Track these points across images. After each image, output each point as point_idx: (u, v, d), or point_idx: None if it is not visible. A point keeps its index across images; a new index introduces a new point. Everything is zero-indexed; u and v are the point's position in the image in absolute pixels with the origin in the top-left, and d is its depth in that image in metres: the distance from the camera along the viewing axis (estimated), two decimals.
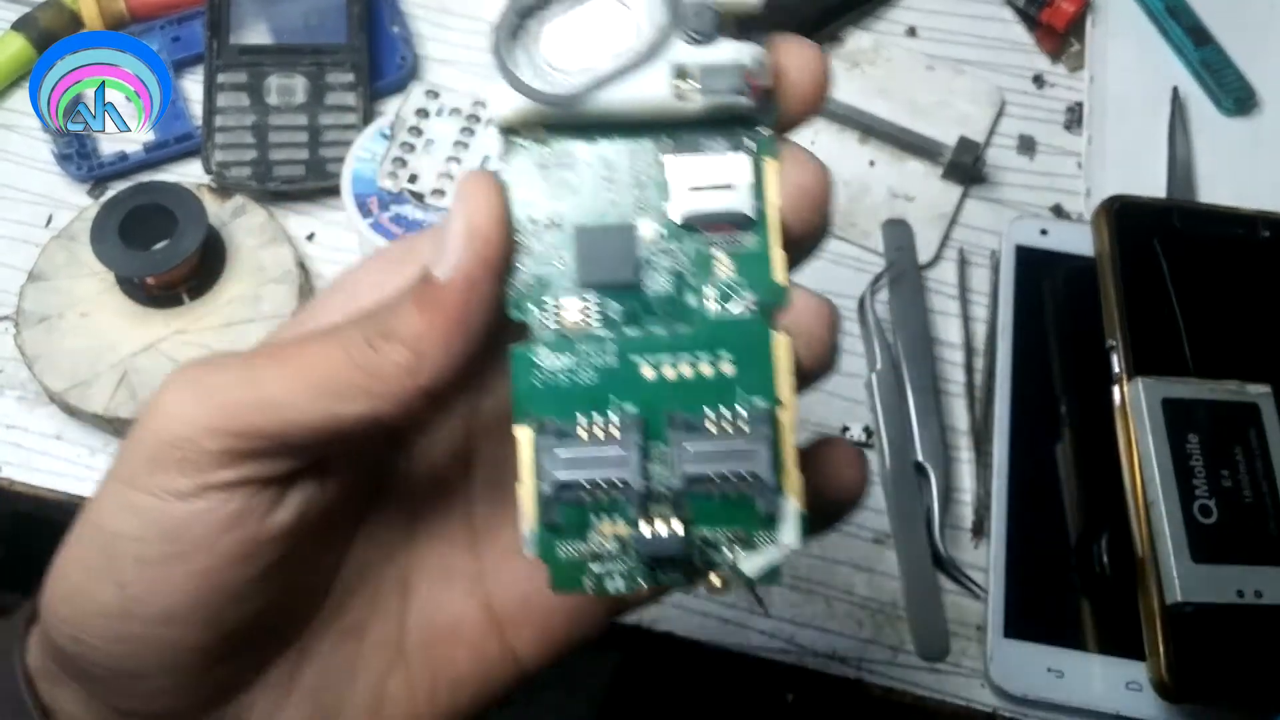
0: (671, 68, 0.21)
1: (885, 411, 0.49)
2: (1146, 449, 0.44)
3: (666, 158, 0.22)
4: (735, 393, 0.22)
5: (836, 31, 0.59)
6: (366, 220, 0.49)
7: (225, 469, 0.22)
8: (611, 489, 0.22)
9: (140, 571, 0.23)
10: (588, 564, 0.22)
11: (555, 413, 0.22)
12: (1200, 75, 0.58)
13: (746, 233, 0.22)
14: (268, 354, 0.23)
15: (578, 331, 0.22)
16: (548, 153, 0.22)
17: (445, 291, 0.21)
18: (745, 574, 0.22)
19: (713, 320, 0.22)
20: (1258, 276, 0.50)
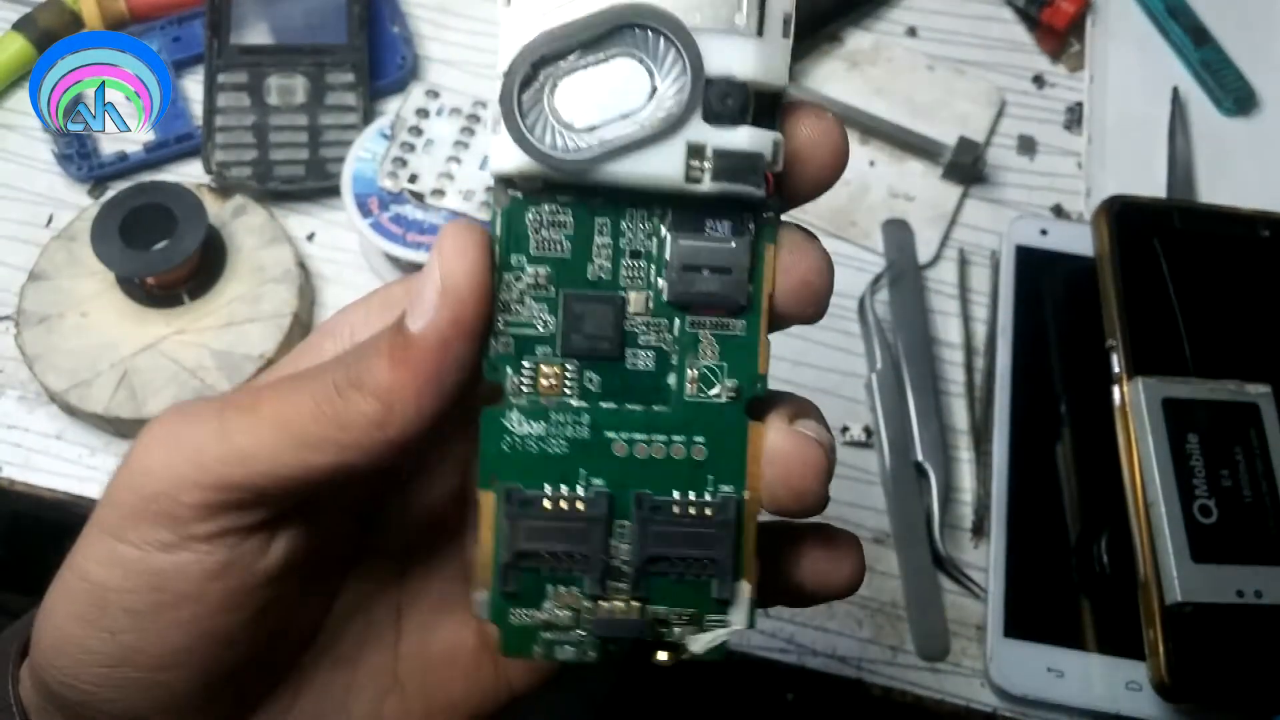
0: (687, 146, 0.20)
1: (885, 411, 0.49)
2: (1146, 449, 0.44)
3: (667, 234, 0.21)
4: (705, 480, 0.22)
5: (836, 31, 0.59)
6: (367, 220, 0.49)
7: (205, 521, 0.22)
8: (571, 560, 0.22)
9: (131, 621, 0.23)
10: (540, 632, 0.22)
11: (522, 480, 0.22)
12: (1200, 75, 0.58)
13: (737, 319, 0.22)
14: (239, 403, 0.22)
15: (553, 398, 0.22)
16: (544, 210, 0.21)
17: (418, 347, 0.21)
18: (693, 651, 0.22)
19: (690, 403, 0.22)
20: (1257, 276, 0.50)
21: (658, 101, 0.20)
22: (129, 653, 0.23)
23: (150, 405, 0.46)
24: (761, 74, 0.20)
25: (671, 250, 0.21)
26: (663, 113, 0.20)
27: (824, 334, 0.52)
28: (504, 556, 0.22)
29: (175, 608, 0.23)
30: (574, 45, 0.20)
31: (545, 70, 0.20)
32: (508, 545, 0.22)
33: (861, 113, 0.56)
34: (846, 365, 0.51)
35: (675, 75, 0.20)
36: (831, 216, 0.55)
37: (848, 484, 0.49)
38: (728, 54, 0.20)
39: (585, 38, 0.20)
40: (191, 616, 0.23)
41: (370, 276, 0.52)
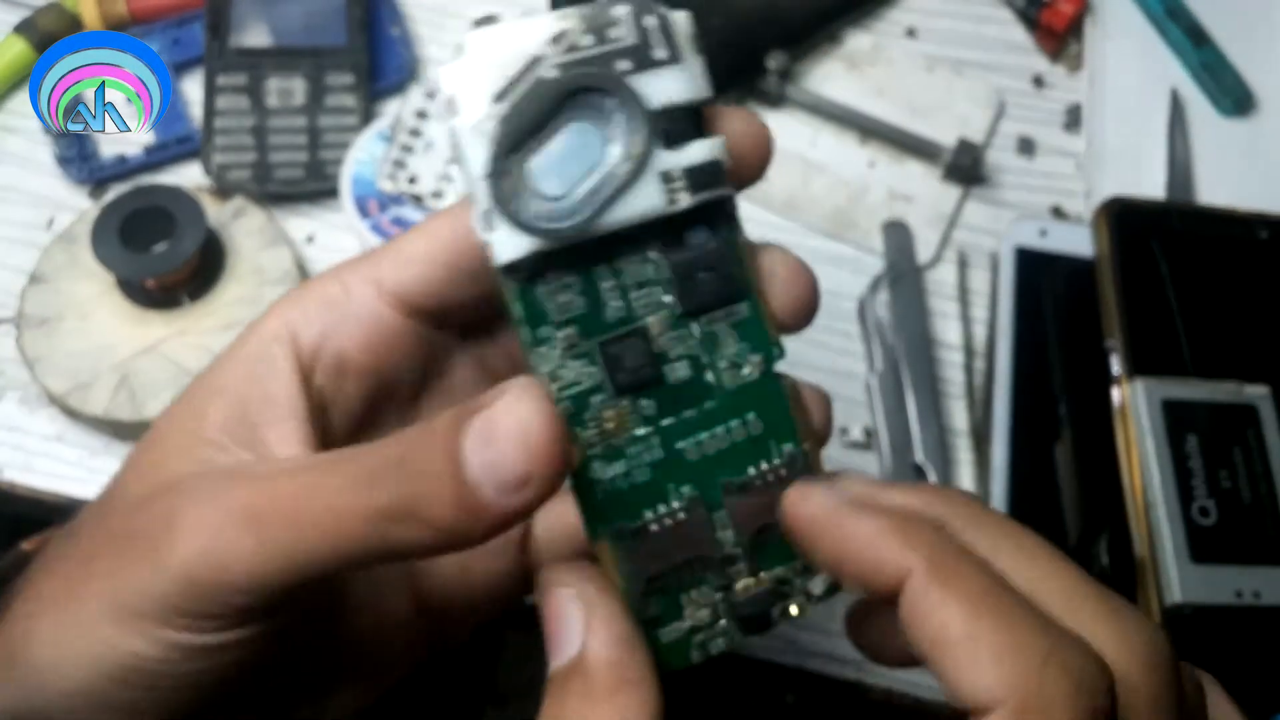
0: (660, 175, 0.22)
1: (885, 412, 0.49)
2: (1145, 450, 0.44)
3: (658, 256, 0.24)
4: (768, 447, 0.25)
5: (836, 32, 0.59)
6: (366, 222, 0.49)
7: (226, 616, 0.23)
8: (691, 567, 0.24)
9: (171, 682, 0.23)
10: (690, 639, 0.24)
11: (624, 518, 0.23)
12: (1199, 76, 0.58)
13: (739, 304, 0.24)
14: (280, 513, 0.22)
15: (621, 438, 0.23)
16: (550, 280, 0.23)
17: (491, 509, 0.20)
18: (816, 594, 0.25)
19: (731, 390, 0.24)
20: (1256, 277, 0.50)
21: (621, 150, 0.22)
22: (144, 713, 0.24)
23: (150, 408, 0.46)
24: (693, 93, 0.23)
25: (667, 268, 0.24)
26: (628, 157, 0.22)
27: (824, 335, 0.52)
28: (637, 589, 0.23)
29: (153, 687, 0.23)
30: (529, 127, 0.22)
31: (510, 159, 0.22)
32: (637, 579, 0.23)
33: (861, 114, 0.56)
34: (846, 366, 0.51)
35: (625, 121, 0.22)
36: (831, 218, 0.55)
37: None
38: (662, 87, 0.23)
39: (537, 115, 0.22)
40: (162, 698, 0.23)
41: None
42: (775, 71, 0.55)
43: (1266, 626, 0.42)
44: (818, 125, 0.57)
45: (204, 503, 0.22)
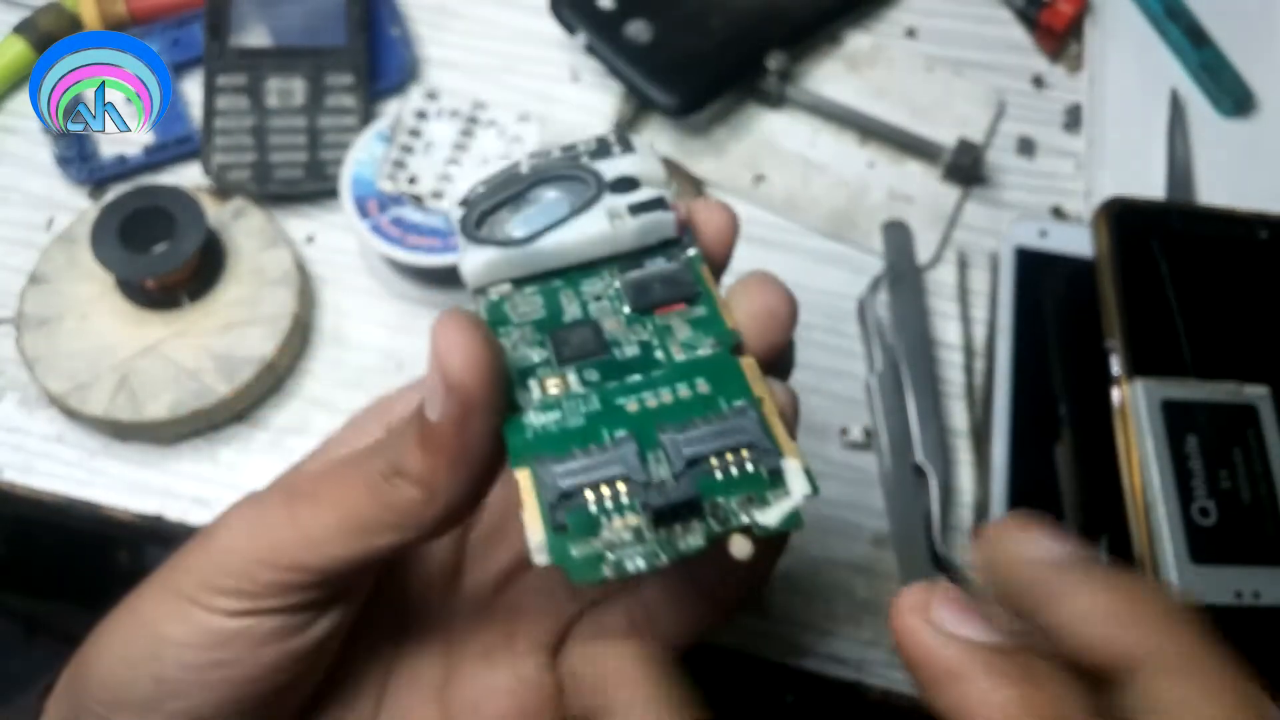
0: (607, 210, 0.26)
1: (885, 413, 0.49)
2: (1145, 450, 0.44)
3: (616, 279, 0.26)
4: (716, 402, 0.23)
5: (836, 32, 0.59)
6: (366, 222, 0.49)
7: (273, 596, 0.25)
8: (613, 487, 0.22)
9: (180, 672, 0.25)
10: (604, 553, 0.22)
11: (550, 450, 0.23)
12: (1199, 77, 0.58)
13: (695, 306, 0.25)
14: (304, 492, 0.25)
15: (560, 396, 0.24)
16: (515, 299, 0.26)
17: (439, 433, 0.23)
18: (767, 524, 0.22)
19: (682, 362, 0.24)
20: (1256, 278, 0.50)
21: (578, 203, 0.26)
22: (168, 699, 0.25)
23: (150, 408, 0.46)
24: (643, 171, 0.27)
25: (623, 284, 0.26)
26: (581, 201, 0.26)
27: (823, 335, 0.52)
28: (548, 499, 0.22)
29: (227, 666, 0.25)
30: (504, 199, 0.27)
31: (489, 219, 0.26)
32: (549, 491, 0.22)
33: (860, 114, 0.56)
34: (846, 367, 0.51)
35: (585, 191, 0.26)
36: (831, 218, 0.55)
37: (847, 485, 0.49)
38: (616, 165, 0.27)
39: (512, 193, 0.27)
40: (239, 675, 0.25)
41: (369, 279, 0.52)
42: (775, 71, 0.55)
43: (1266, 627, 0.42)
44: (818, 125, 0.57)
45: (243, 504, 0.26)
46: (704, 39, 0.55)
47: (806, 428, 0.50)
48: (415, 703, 0.29)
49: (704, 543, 0.22)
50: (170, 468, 0.48)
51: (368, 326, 0.51)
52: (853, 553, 0.47)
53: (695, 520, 0.22)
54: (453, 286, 0.51)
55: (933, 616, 0.20)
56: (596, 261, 0.26)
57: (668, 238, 0.26)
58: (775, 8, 0.57)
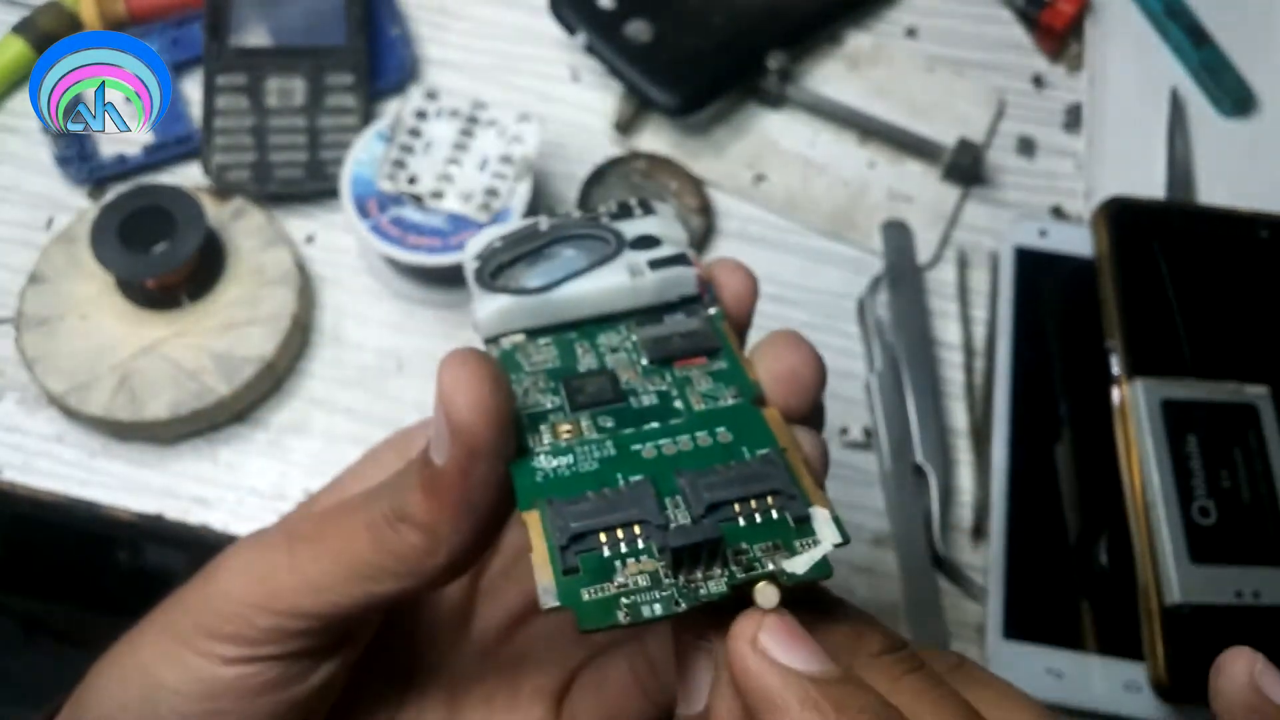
0: (627, 265, 0.25)
1: (885, 412, 0.49)
2: (1145, 450, 0.44)
3: (634, 334, 0.25)
4: (739, 450, 0.22)
5: (836, 31, 0.59)
6: (366, 222, 0.49)
7: (272, 644, 0.24)
8: (629, 532, 0.21)
9: (174, 719, 0.25)
10: (619, 598, 0.20)
11: (561, 493, 0.21)
12: (1199, 76, 0.58)
13: (716, 360, 0.24)
14: (306, 534, 0.24)
15: (572, 440, 0.23)
16: (529, 349, 0.25)
17: (443, 479, 0.22)
18: (795, 573, 0.20)
19: (701, 411, 0.23)
20: (1257, 277, 0.50)
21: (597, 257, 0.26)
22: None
23: (150, 408, 0.46)
24: (664, 232, 0.27)
25: (641, 338, 0.25)
26: (603, 251, 0.26)
27: (823, 335, 0.52)
28: (559, 540, 0.21)
29: (222, 715, 0.24)
30: (523, 253, 0.26)
31: (504, 272, 0.26)
32: (561, 532, 0.21)
33: (861, 113, 0.56)
34: (846, 366, 0.51)
35: (604, 249, 0.26)
36: (831, 218, 0.55)
37: (847, 485, 0.49)
38: (636, 225, 0.27)
39: (531, 248, 0.26)
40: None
41: (369, 279, 0.52)
42: (775, 71, 0.55)
43: (1266, 627, 0.42)
44: (818, 125, 0.57)
45: (245, 543, 0.25)
46: (704, 38, 0.55)
47: None
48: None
49: (727, 589, 0.20)
50: (170, 468, 0.48)
51: (368, 326, 0.51)
52: (853, 552, 0.47)
53: (717, 566, 0.20)
54: (453, 286, 0.51)
55: (760, 643, 0.19)
56: (614, 315, 0.25)
57: (688, 294, 0.26)
58: (776, 7, 0.57)
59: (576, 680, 0.29)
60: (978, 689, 0.20)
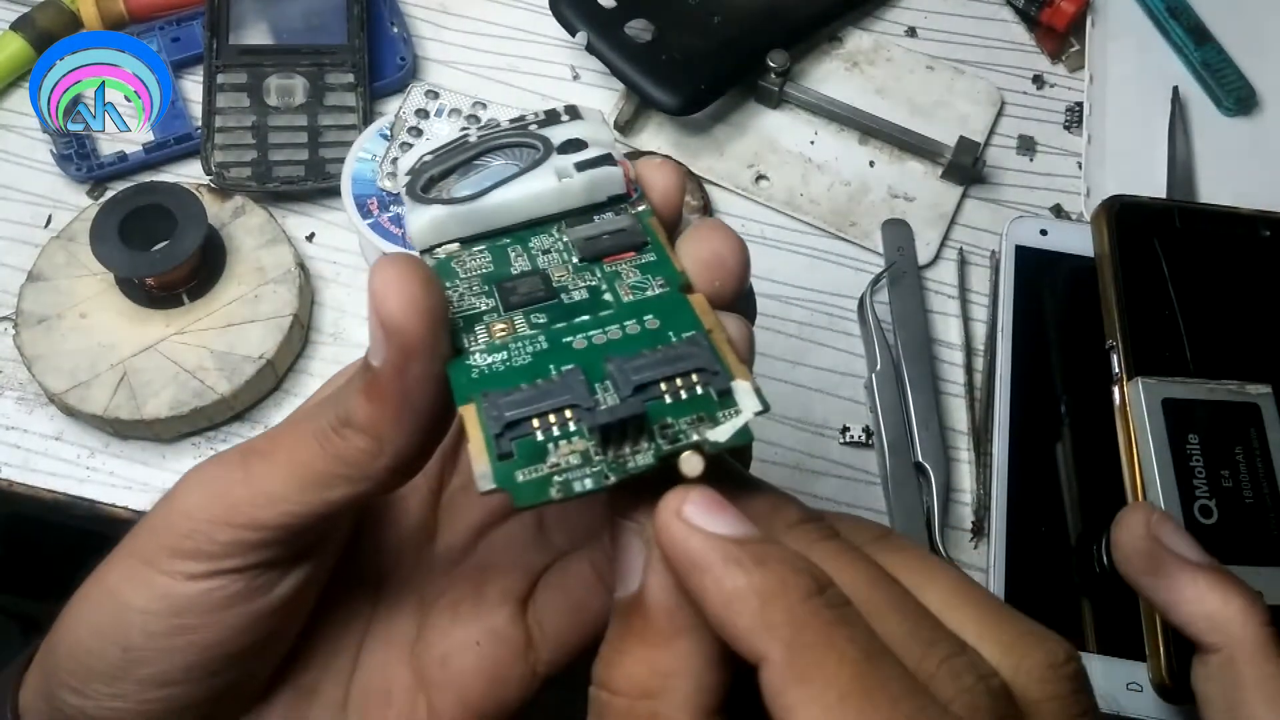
0: (555, 169, 0.26)
1: (885, 412, 0.49)
2: (1146, 449, 0.44)
3: (565, 235, 0.26)
4: (665, 335, 0.23)
5: (836, 31, 0.59)
6: (366, 221, 0.49)
7: (233, 557, 0.24)
8: (560, 416, 0.22)
9: (145, 640, 0.25)
10: (551, 476, 0.21)
11: (495, 386, 0.22)
12: (1201, 75, 0.58)
13: (644, 254, 0.25)
14: (260, 449, 0.25)
15: (507, 338, 0.23)
16: (464, 257, 0.25)
17: (382, 379, 0.22)
18: (717, 441, 0.21)
19: (630, 302, 0.24)
20: (1258, 276, 0.50)
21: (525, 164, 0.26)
22: (136, 666, 0.25)
23: (150, 406, 0.46)
24: (591, 135, 0.27)
25: (571, 238, 0.25)
26: (529, 162, 0.26)
27: (823, 334, 0.52)
28: (493, 428, 0.21)
29: (191, 630, 0.25)
30: (454, 166, 0.27)
31: (437, 185, 0.26)
32: (495, 422, 0.22)
33: (861, 113, 0.56)
34: (846, 365, 0.51)
35: (533, 156, 0.26)
36: (831, 217, 0.55)
37: (848, 484, 0.49)
38: (563, 130, 0.27)
39: (462, 160, 0.27)
40: (204, 640, 0.25)
41: None
42: (776, 71, 0.55)
43: None
44: (818, 124, 0.57)
45: (202, 465, 0.26)
46: (704, 38, 0.55)
47: (807, 426, 0.50)
48: (389, 660, 0.29)
49: (654, 461, 0.21)
50: (170, 466, 0.48)
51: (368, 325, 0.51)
52: None
53: (645, 440, 0.21)
54: None
55: (685, 513, 0.20)
56: (545, 219, 0.26)
57: (616, 194, 0.26)
58: (776, 7, 0.57)
59: (541, 581, 0.30)
60: (896, 556, 0.22)
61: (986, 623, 0.21)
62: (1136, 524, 0.26)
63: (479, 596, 0.29)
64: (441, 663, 0.28)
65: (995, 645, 0.21)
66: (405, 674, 0.29)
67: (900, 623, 0.20)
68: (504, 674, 0.28)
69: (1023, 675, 0.21)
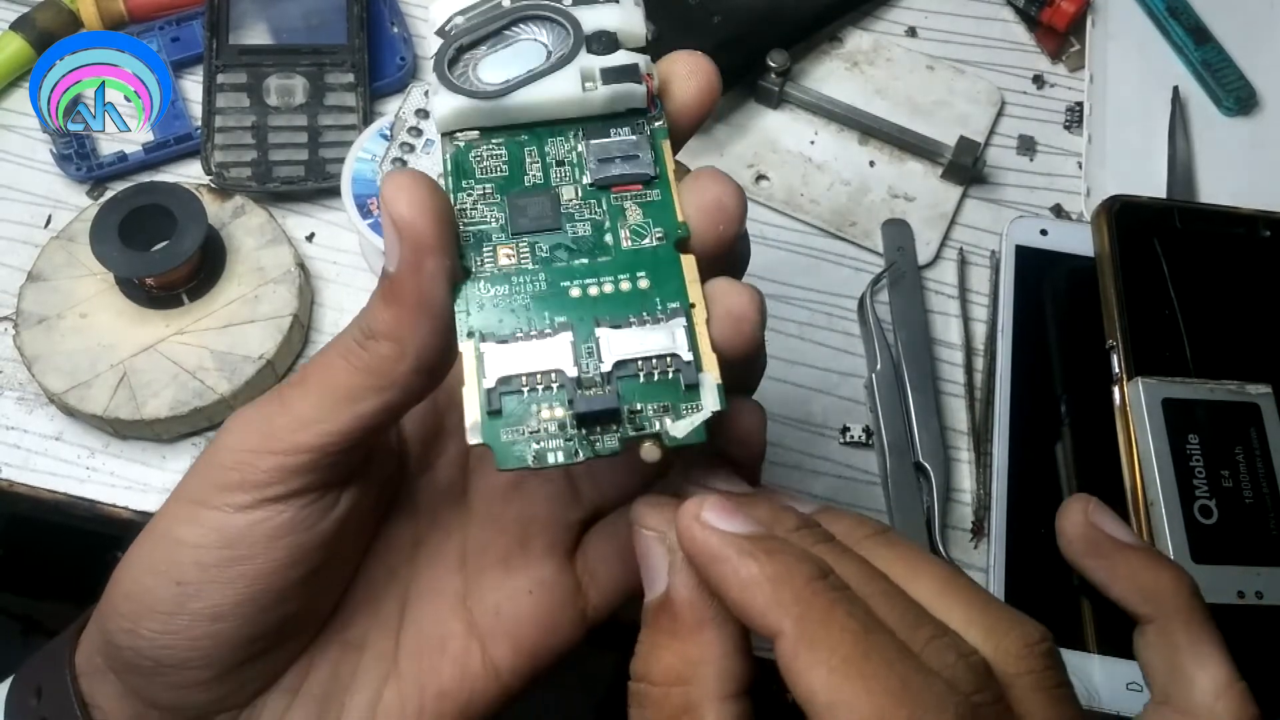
0: (580, 71, 0.27)
1: (885, 412, 0.49)
2: (1146, 449, 0.44)
3: (582, 144, 0.27)
4: (653, 301, 0.25)
5: (836, 31, 0.59)
6: (366, 221, 0.49)
7: (279, 484, 0.25)
8: (547, 378, 0.24)
9: (198, 573, 0.26)
10: (530, 443, 0.24)
11: (493, 327, 0.25)
12: (1201, 75, 0.58)
13: (651, 188, 0.26)
14: (293, 380, 0.26)
15: (511, 268, 0.25)
16: (482, 149, 0.27)
17: (398, 281, 0.24)
18: (674, 435, 0.24)
19: (628, 251, 0.26)
20: (1258, 276, 0.50)
21: (553, 56, 0.27)
22: (190, 600, 0.26)
23: (150, 406, 0.46)
24: (623, 25, 0.27)
25: (587, 151, 0.27)
26: (556, 54, 0.27)
27: (823, 334, 0.52)
28: (487, 383, 0.24)
29: (241, 562, 0.26)
30: (485, 35, 0.27)
31: (466, 54, 0.27)
32: (489, 374, 0.24)
33: (861, 113, 0.56)
34: (846, 365, 0.51)
35: (563, 38, 0.27)
36: (831, 216, 0.55)
37: (847, 484, 0.49)
38: (597, 16, 0.27)
39: (493, 29, 0.27)
40: (255, 571, 0.26)
41: (370, 277, 0.52)
42: (776, 70, 0.55)
43: (1268, 627, 0.42)
44: (818, 124, 0.57)
45: (245, 406, 0.27)
46: (705, 37, 0.55)
47: (807, 426, 0.50)
48: (438, 612, 0.30)
49: (619, 446, 0.24)
50: (170, 466, 0.48)
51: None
52: None
53: (614, 425, 0.24)
54: None
55: (703, 517, 0.23)
56: (564, 120, 0.27)
57: (636, 107, 0.27)
58: (776, 7, 0.57)
59: (591, 534, 0.32)
60: (889, 550, 0.25)
61: (971, 610, 0.23)
62: (1076, 512, 0.30)
63: (525, 550, 0.31)
64: (496, 612, 0.30)
65: (978, 629, 0.23)
66: (457, 624, 0.30)
67: (890, 610, 0.22)
68: (555, 620, 0.30)
69: (1002, 653, 0.23)
